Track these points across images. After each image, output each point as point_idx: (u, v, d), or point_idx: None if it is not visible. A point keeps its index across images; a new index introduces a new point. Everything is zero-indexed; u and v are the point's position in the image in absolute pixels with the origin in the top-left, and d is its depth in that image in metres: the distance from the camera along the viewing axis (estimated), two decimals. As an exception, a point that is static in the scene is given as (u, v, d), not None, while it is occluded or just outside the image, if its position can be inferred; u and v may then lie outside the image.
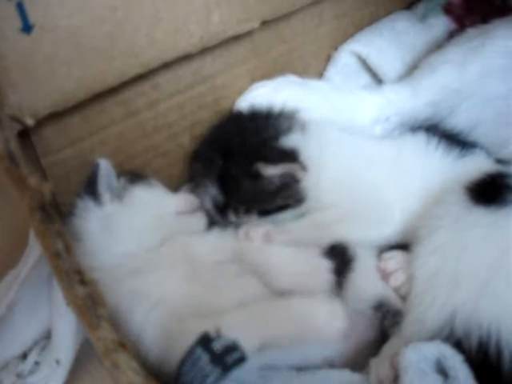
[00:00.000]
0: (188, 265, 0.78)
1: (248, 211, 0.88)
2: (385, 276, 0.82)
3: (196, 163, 0.94)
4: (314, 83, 1.01)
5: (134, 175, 0.87)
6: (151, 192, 0.86)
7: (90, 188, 0.80)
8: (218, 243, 0.83)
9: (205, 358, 0.57)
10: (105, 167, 0.81)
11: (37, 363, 0.92)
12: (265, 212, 0.88)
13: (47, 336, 0.93)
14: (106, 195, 0.80)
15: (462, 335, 0.67)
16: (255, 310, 0.70)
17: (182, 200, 0.88)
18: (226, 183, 0.88)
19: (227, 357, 0.58)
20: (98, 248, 0.77)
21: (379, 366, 0.72)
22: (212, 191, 0.89)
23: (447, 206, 0.77)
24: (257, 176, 0.86)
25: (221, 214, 0.89)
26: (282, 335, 0.67)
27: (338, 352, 0.78)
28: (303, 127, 0.91)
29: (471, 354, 0.66)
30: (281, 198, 0.87)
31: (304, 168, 0.86)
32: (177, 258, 0.79)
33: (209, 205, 0.90)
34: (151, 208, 0.83)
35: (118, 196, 0.82)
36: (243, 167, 0.87)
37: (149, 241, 0.80)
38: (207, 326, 0.61)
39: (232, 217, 0.89)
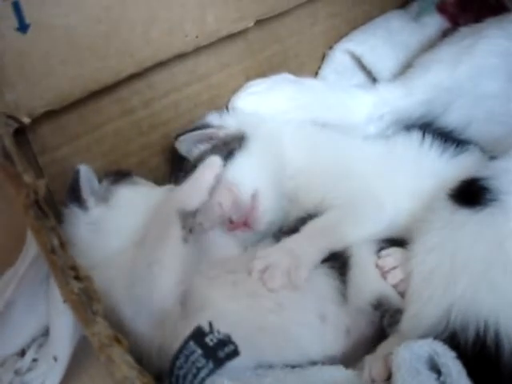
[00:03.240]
0: None
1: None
2: (383, 273, 0.82)
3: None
4: (309, 81, 1.01)
5: (117, 175, 0.87)
6: (135, 189, 0.86)
7: (74, 195, 0.80)
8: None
9: (198, 352, 0.58)
10: (85, 173, 0.81)
11: (35, 360, 0.92)
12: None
13: (45, 333, 0.93)
14: (90, 200, 0.81)
15: (458, 328, 0.68)
16: None
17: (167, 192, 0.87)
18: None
19: (220, 351, 0.59)
20: (89, 251, 0.77)
21: (373, 363, 0.73)
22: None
23: (436, 212, 0.79)
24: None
25: None
26: None
27: (339, 350, 0.78)
28: None
29: (467, 347, 0.66)
30: (225, 147, 0.89)
31: (219, 128, 0.91)
32: None
33: None
34: (137, 205, 0.83)
35: (103, 199, 0.82)
36: None
37: (138, 237, 0.79)
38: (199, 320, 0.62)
39: None
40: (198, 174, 0.80)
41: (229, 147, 0.89)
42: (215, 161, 0.82)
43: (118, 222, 0.81)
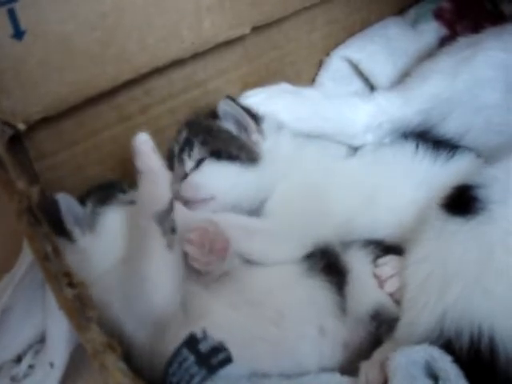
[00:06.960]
0: None
1: (203, 145, 0.90)
2: (380, 282, 0.83)
3: None
4: (306, 91, 1.01)
5: (101, 193, 0.83)
6: (121, 210, 0.82)
7: (58, 228, 0.75)
8: None
9: (191, 359, 0.58)
10: (64, 202, 0.77)
11: (31, 366, 0.92)
12: (216, 154, 0.89)
13: (41, 339, 0.93)
14: (75, 231, 0.77)
15: (452, 335, 0.68)
16: None
17: None
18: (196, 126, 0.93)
19: (213, 358, 0.59)
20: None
21: (369, 369, 0.73)
22: (183, 134, 0.93)
23: (428, 221, 0.79)
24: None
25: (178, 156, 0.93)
26: None
27: (336, 362, 0.78)
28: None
29: (462, 353, 0.66)
30: (234, 145, 0.90)
31: (260, 132, 0.91)
32: None
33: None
34: (124, 227, 0.80)
35: (89, 226, 0.79)
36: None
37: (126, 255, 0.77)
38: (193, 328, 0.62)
39: (186, 155, 0.91)
40: (143, 169, 0.77)
41: (249, 159, 0.89)
42: (143, 139, 0.79)
43: (106, 248, 0.78)
